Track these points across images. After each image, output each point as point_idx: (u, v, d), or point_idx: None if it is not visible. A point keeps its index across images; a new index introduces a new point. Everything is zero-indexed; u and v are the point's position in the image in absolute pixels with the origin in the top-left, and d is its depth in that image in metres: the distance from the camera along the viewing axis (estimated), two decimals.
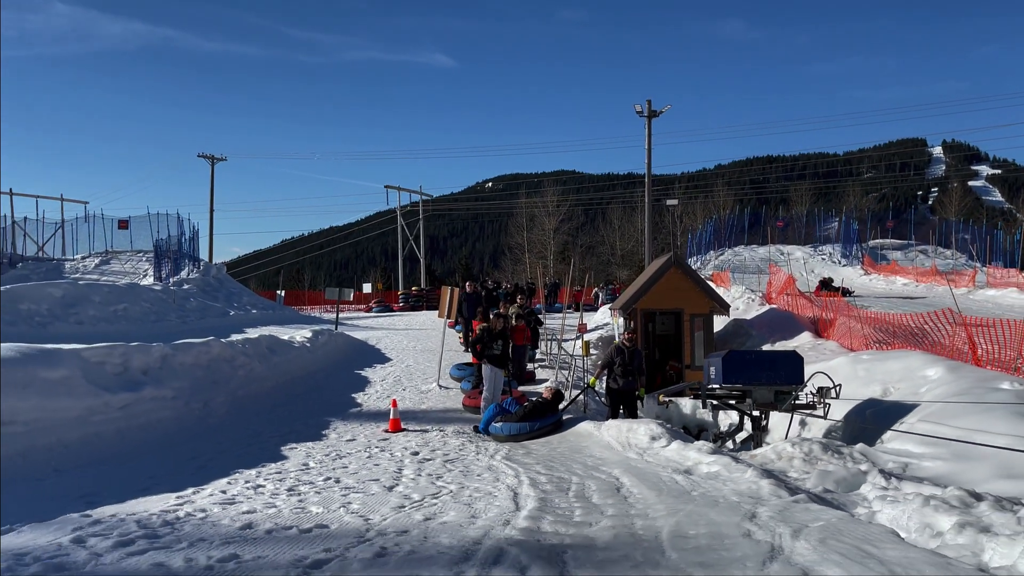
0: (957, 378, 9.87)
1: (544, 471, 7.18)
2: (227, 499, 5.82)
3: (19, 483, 6.25)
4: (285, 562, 3.83)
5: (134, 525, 4.78)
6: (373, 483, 6.63)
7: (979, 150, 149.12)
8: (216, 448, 8.56)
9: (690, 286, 16.71)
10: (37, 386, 7.77)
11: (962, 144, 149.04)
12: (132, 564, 3.79)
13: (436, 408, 12.21)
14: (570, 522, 4.72)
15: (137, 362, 10.20)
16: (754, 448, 9.43)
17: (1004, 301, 19.92)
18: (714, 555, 3.54)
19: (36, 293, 18.07)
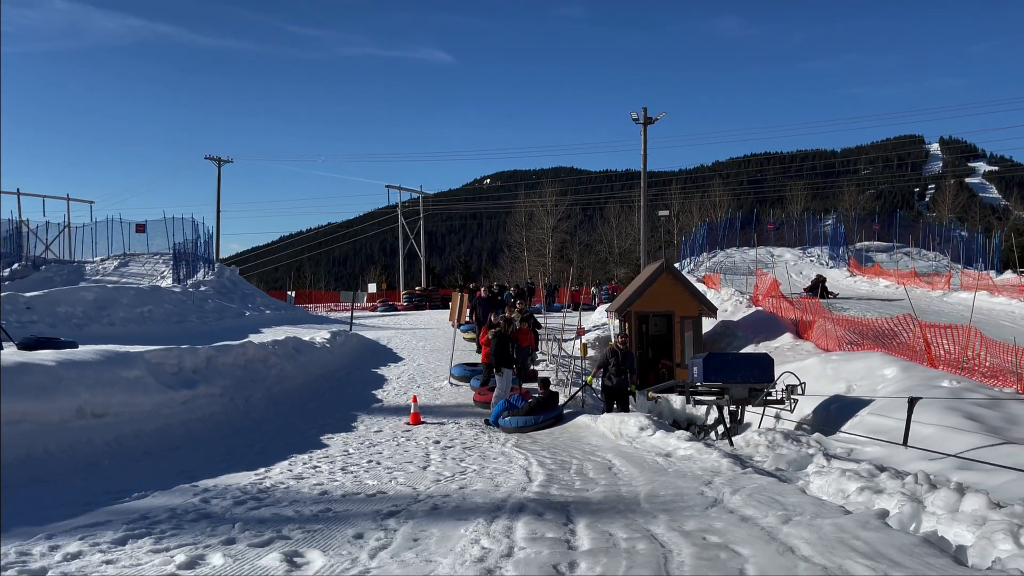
0: (908, 376, 11.43)
1: (549, 455, 8.70)
2: (296, 476, 7.33)
3: (126, 462, 7.75)
4: (366, 513, 5.35)
5: (238, 491, 6.30)
6: (408, 464, 8.13)
7: (976, 147, 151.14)
8: (265, 438, 10.05)
9: (680, 290, 18.23)
10: (120, 384, 9.27)
11: (960, 141, 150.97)
12: (257, 515, 5.30)
13: (449, 403, 13.74)
14: (571, 489, 6.25)
15: (188, 363, 11.70)
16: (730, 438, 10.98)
17: (975, 304, 21.47)
18: (674, 505, 5.07)
19: (71, 297, 19.58)
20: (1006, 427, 8.44)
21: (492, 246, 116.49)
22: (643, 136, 30.56)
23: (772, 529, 3.89)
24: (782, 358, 16.01)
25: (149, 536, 4.47)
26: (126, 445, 8.46)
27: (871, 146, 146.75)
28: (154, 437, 9.11)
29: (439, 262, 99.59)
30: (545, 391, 11.96)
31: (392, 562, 3.80)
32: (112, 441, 8.37)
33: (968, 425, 8.46)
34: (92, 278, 26.64)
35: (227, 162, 43.46)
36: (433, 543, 4.22)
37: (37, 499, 5.82)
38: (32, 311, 17.85)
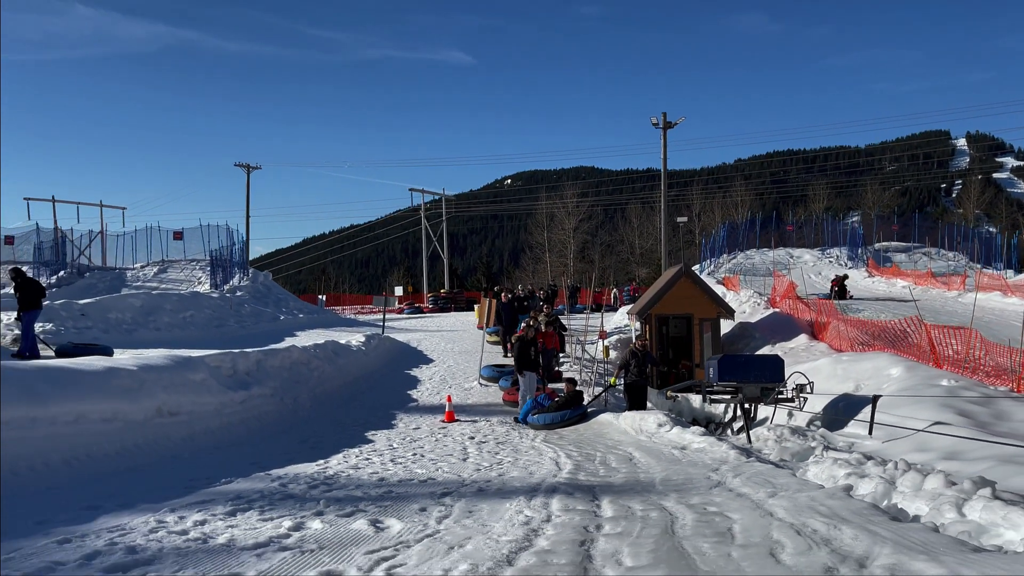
0: (911, 376, 12.27)
1: (575, 449, 9.69)
2: (352, 466, 8.37)
3: (200, 455, 8.85)
4: (423, 494, 6.37)
5: (307, 478, 7.35)
6: (449, 457, 9.15)
7: (1004, 141, 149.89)
8: (316, 434, 11.12)
9: (699, 293, 19.12)
10: (188, 386, 10.39)
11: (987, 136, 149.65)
12: (332, 495, 6.33)
13: (480, 403, 14.78)
14: (596, 475, 7.23)
15: (241, 366, 12.83)
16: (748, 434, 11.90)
17: (988, 305, 22.14)
18: (684, 487, 6.03)
19: (121, 304, 20.87)
20: (994, 422, 9.28)
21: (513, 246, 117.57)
22: (663, 140, 31.39)
23: (760, 501, 4.86)
24: (797, 358, 16.88)
25: (252, 510, 5.52)
26: (198, 441, 9.57)
27: (896, 142, 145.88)
28: (220, 433, 10.21)
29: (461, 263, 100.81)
30: (570, 390, 12.96)
31: (455, 526, 4.81)
32: (186, 437, 9.48)
33: (958, 420, 9.32)
34: (133, 284, 28.00)
35: (256, 168, 44.87)
36: (485, 514, 5.23)
37: (140, 484, 6.90)
38: (87, 317, 19.14)
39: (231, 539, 4.52)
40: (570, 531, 4.41)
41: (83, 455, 7.50)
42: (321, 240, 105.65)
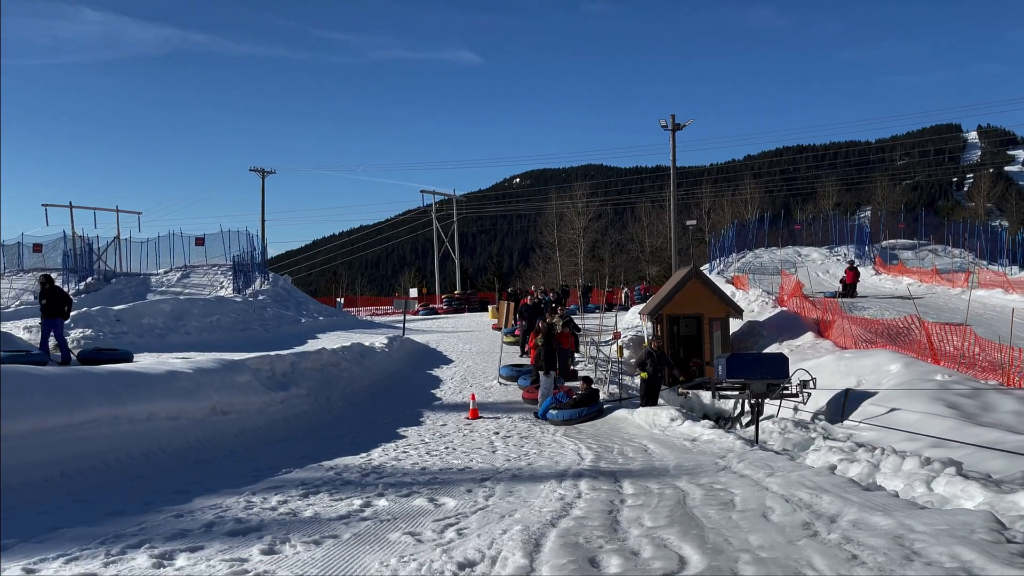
0: (908, 371, 13.13)
1: (594, 442, 10.60)
2: (394, 458, 9.30)
3: (253, 449, 9.79)
4: (465, 479, 7.29)
5: (357, 468, 8.29)
6: (479, 450, 10.07)
7: (1016, 135, 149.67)
8: (353, 431, 12.06)
9: (708, 294, 19.99)
10: (236, 387, 11.36)
11: (998, 129, 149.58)
12: (385, 481, 7.27)
13: (500, 401, 15.71)
14: (616, 464, 8.15)
15: (279, 368, 13.80)
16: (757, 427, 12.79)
17: (990, 301, 22.91)
18: (694, 471, 6.94)
19: (152, 309, 21.92)
20: (979, 413, 10.14)
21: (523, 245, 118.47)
22: (672, 143, 32.23)
23: (759, 480, 5.77)
24: (802, 356, 17.74)
25: (322, 492, 6.47)
26: (248, 436, 10.53)
27: (906, 136, 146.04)
28: (266, 430, 11.18)
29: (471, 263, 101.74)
30: (586, 388, 13.89)
31: (500, 502, 5.73)
32: (238, 433, 10.45)
33: (947, 412, 10.19)
34: (158, 289, 29.07)
35: (271, 173, 45.94)
36: (523, 493, 6.16)
37: (212, 473, 7.85)
38: (121, 323, 20.19)
39: (316, 513, 5.46)
40: (599, 504, 5.33)
41: (157, 448, 8.47)
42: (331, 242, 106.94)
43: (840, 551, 3.33)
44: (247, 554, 4.08)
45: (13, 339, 16.31)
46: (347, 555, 4.00)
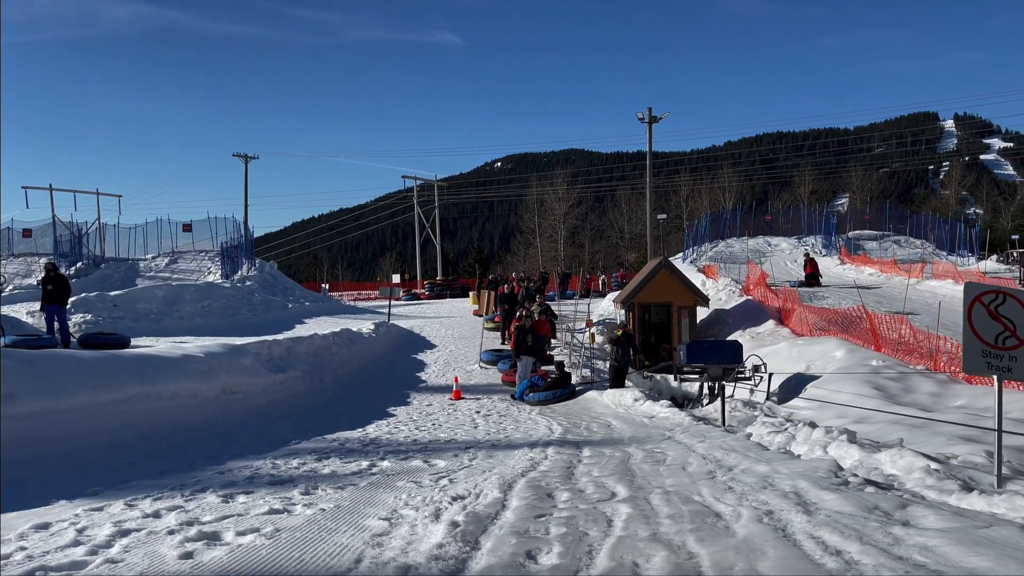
0: (850, 357, 14.70)
1: (564, 419, 12.03)
2: (387, 432, 10.66)
3: (261, 424, 11.11)
4: (451, 448, 8.67)
5: (356, 440, 9.64)
6: (462, 426, 11.45)
7: (992, 123, 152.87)
8: (347, 410, 13.39)
9: (677, 283, 21.49)
10: (241, 369, 12.65)
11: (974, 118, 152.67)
12: (384, 449, 8.63)
13: (481, 383, 17.11)
14: (580, 436, 9.58)
15: (276, 352, 15.09)
16: (707, 406, 14.30)
17: (940, 291, 24.62)
18: (643, 440, 8.37)
19: (147, 295, 23.04)
20: (900, 394, 11.69)
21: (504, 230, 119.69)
22: (648, 135, 33.58)
23: (690, 445, 7.21)
24: (762, 342, 19.31)
25: (333, 457, 7.83)
26: (255, 413, 11.85)
27: (885, 124, 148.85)
28: (269, 408, 12.50)
29: (451, 246, 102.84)
30: (560, 372, 15.33)
31: (482, 462, 7.13)
32: (246, 410, 11.76)
33: (873, 393, 11.73)
34: (147, 275, 30.09)
35: (254, 159, 46.78)
36: (501, 456, 7.56)
37: (233, 443, 9.17)
38: (118, 308, 21.32)
39: (332, 471, 6.83)
40: (560, 462, 6.74)
41: (181, 423, 9.78)
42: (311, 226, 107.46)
43: (723, 486, 4.76)
44: (290, 495, 5.44)
45: (21, 324, 17.45)
46: (367, 495, 5.36)
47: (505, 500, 4.79)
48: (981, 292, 5.72)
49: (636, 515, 4.10)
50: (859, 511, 3.67)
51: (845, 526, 3.38)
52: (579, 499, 4.79)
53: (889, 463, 5.86)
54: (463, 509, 4.49)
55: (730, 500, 4.27)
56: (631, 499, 4.63)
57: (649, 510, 4.23)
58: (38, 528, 4.36)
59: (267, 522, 4.44)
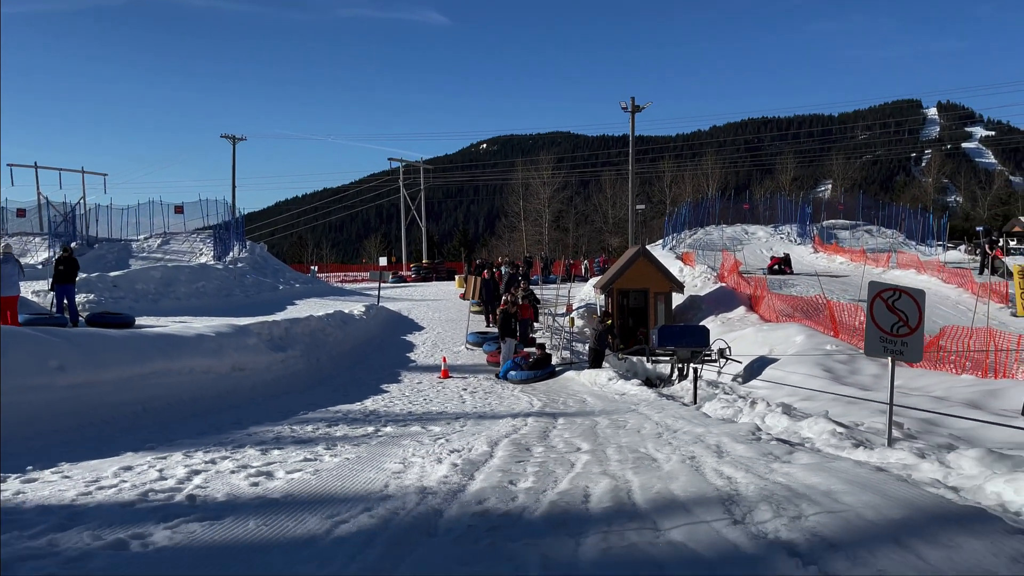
0: (808, 342, 16.12)
1: (544, 396, 13.34)
2: (383, 406, 11.92)
3: (268, 399, 12.32)
4: (444, 419, 9.95)
5: (357, 411, 10.90)
6: (451, 401, 12.73)
7: (974, 111, 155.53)
8: (344, 386, 14.64)
9: (654, 271, 22.83)
10: (247, 348, 13.83)
11: (957, 106, 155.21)
12: (384, 419, 9.90)
13: (468, 363, 18.39)
14: (558, 409, 10.90)
15: (276, 332, 16.27)
16: (676, 384, 15.68)
17: (903, 281, 26.10)
18: (611, 412, 9.69)
19: (145, 276, 24.10)
20: (846, 375, 13.11)
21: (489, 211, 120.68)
22: (631, 125, 34.80)
23: (649, 415, 8.54)
24: (732, 327, 20.72)
25: (341, 424, 9.09)
26: (261, 389, 13.07)
27: (869, 111, 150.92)
28: (273, 385, 13.71)
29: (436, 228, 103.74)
30: (541, 353, 16.65)
31: (472, 428, 8.42)
32: (253, 387, 12.97)
33: (823, 374, 13.14)
34: (139, 255, 31.06)
35: (241, 140, 47.54)
36: (487, 424, 8.86)
37: (249, 414, 10.38)
38: (118, 288, 22.39)
39: (344, 434, 8.09)
40: (538, 428, 8.05)
41: (199, 395, 10.99)
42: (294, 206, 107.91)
43: (664, 442, 6.07)
44: (315, 450, 6.69)
45: (28, 303, 18.52)
46: (380, 449, 6.63)
47: (492, 452, 6.08)
48: (881, 290, 7.05)
49: (593, 460, 5.41)
50: (756, 455, 4.97)
51: (741, 464, 4.68)
52: (551, 451, 6.09)
53: (807, 428, 7.20)
54: (459, 457, 5.77)
55: (666, 451, 5.58)
56: (591, 451, 5.93)
57: (604, 457, 5.53)
58: (124, 469, 5.60)
59: (306, 466, 5.71)
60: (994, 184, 76.11)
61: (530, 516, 3.72)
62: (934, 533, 2.78)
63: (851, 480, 3.84)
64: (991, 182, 79.73)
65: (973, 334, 13.17)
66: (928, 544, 2.66)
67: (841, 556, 2.65)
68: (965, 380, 11.63)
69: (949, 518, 3.00)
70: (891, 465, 5.06)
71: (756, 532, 3.07)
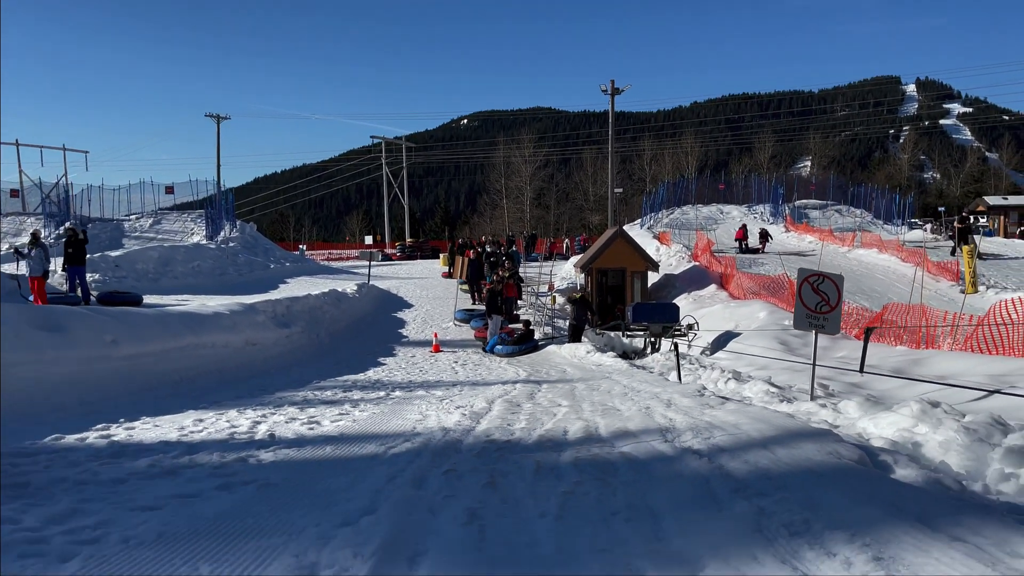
0: (769, 318, 17.81)
1: (529, 367, 14.94)
2: (385, 376, 13.43)
3: (279, 371, 13.80)
4: (441, 386, 11.51)
5: (363, 381, 12.42)
6: (445, 372, 14.28)
7: (952, 88, 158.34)
8: (344, 359, 16.13)
9: (631, 251, 24.44)
10: (257, 325, 15.28)
11: (935, 82, 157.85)
12: (389, 386, 11.43)
13: (456, 339, 19.94)
14: (541, 377, 12.49)
15: (279, 310, 17.71)
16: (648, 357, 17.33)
17: (866, 259, 27.97)
18: (587, 379, 11.30)
19: (144, 256, 25.35)
20: (800, 348, 14.80)
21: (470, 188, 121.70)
22: (611, 107, 36.19)
23: (619, 380, 10.15)
24: (703, 304, 22.41)
25: (354, 390, 10.61)
26: (272, 362, 14.55)
27: (848, 87, 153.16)
28: (281, 358, 15.19)
29: (417, 205, 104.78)
30: (526, 329, 18.23)
31: (469, 392, 9.99)
32: (265, 359, 14.45)
33: (778, 346, 14.83)
34: (132, 235, 32.19)
35: (225, 119, 48.39)
36: (481, 389, 10.43)
37: (269, 383, 11.87)
38: (120, 268, 23.66)
39: (362, 397, 9.62)
40: (525, 391, 9.64)
41: (221, 367, 12.46)
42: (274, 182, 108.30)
43: (628, 399, 7.68)
44: (343, 408, 8.21)
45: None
46: (398, 407, 8.18)
47: (490, 407, 7.65)
48: (808, 275, 8.67)
49: (570, 411, 7.00)
50: (696, 405, 6.57)
51: (682, 410, 6.27)
52: (537, 407, 7.67)
53: (748, 389, 8.84)
54: (466, 410, 7.34)
55: (628, 404, 7.17)
56: (570, 406, 7.52)
57: (579, 409, 7.12)
58: (198, 420, 7.10)
59: (342, 417, 7.25)
60: (967, 161, 78.42)
61: (525, 443, 5.29)
62: (788, 442, 4.35)
63: (754, 418, 5.43)
64: (964, 159, 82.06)
65: (910, 311, 14.89)
66: (782, 447, 4.22)
67: (727, 455, 4.20)
68: (899, 351, 13.34)
69: (803, 435, 4.57)
70: (799, 412, 6.69)
71: (678, 446, 4.64)
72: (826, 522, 2.77)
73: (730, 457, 4.15)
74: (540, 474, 4.20)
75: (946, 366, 11.15)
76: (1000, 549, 2.42)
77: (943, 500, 3.15)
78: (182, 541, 3.08)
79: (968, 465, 4.55)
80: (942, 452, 4.78)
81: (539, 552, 2.80)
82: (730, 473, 3.73)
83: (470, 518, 3.30)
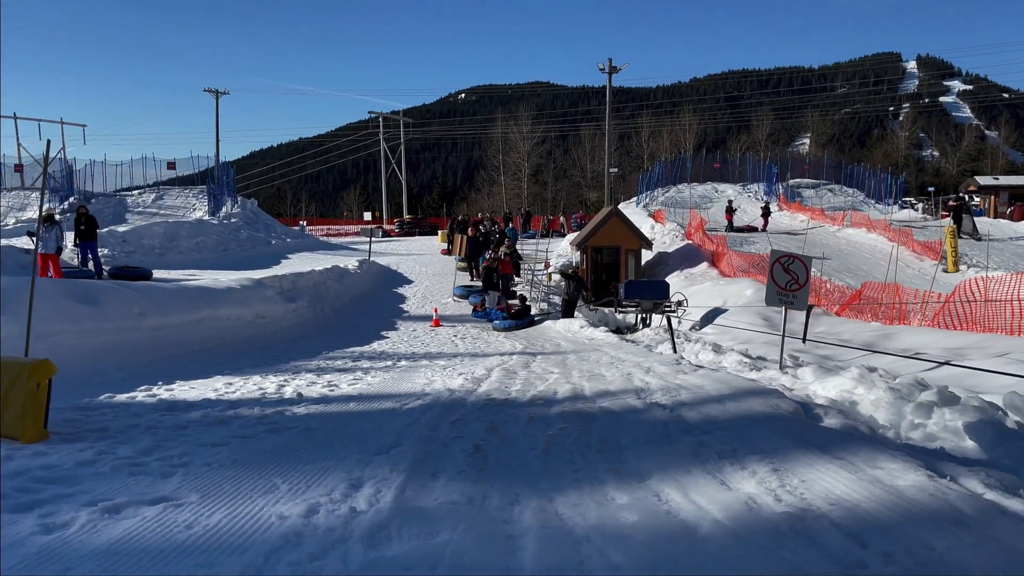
0: (755, 294, 18.73)
1: (525, 341, 15.88)
2: (389, 347, 14.36)
3: (287, 343, 14.71)
4: (444, 357, 12.43)
5: (370, 352, 13.34)
6: (445, 345, 15.21)
7: (952, 65, 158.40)
8: (347, 333, 17.05)
9: (625, 230, 25.33)
10: (266, 299, 16.18)
11: (936, 59, 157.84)
12: (394, 356, 12.36)
13: (455, 314, 20.86)
14: (536, 350, 13.44)
15: (285, 285, 18.61)
16: (639, 332, 18.29)
17: (854, 239, 28.90)
18: (579, 351, 12.25)
19: (151, 231, 26.19)
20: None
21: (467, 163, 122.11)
22: (608, 86, 36.91)
23: (608, 352, 11.09)
24: (694, 281, 23.37)
25: (362, 359, 11.54)
26: (281, 335, 15.47)
27: (848, 64, 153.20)
28: (289, 331, 16.10)
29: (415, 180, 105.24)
30: (522, 305, 19.17)
31: (469, 362, 10.93)
32: (275, 332, 15.37)
33: (761, 322, 15.79)
34: (135, 210, 32.99)
35: (224, 94, 48.94)
36: (480, 360, 11.37)
37: (282, 353, 12.78)
38: (127, 243, 24.51)
39: (371, 366, 10.55)
40: (521, 361, 10.58)
41: (235, 338, 13.38)
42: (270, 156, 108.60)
43: (613, 367, 8.62)
44: (356, 374, 9.15)
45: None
46: (406, 374, 9.11)
47: (489, 374, 8.59)
48: (779, 256, 9.58)
49: (561, 377, 7.94)
50: (671, 372, 7.51)
51: (658, 376, 7.21)
52: (531, 374, 8.61)
53: (724, 360, 9.79)
54: (467, 376, 8.28)
55: (612, 371, 8.12)
56: (560, 373, 8.47)
57: (569, 376, 8.07)
58: (228, 384, 8.02)
59: (357, 381, 8.19)
60: (964, 139, 79.11)
61: (520, 400, 6.23)
62: (740, 398, 5.28)
63: (718, 380, 6.37)
64: (963, 137, 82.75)
65: (886, 288, 15.83)
66: (733, 401, 5.15)
67: (686, 408, 5.14)
68: (872, 326, 14.31)
69: (753, 392, 5.51)
70: (763, 378, 7.63)
71: (648, 401, 5.57)
72: (747, 449, 3.70)
73: (688, 409, 5.09)
74: (532, 422, 5.14)
75: (912, 340, 12.12)
76: (867, 463, 3.34)
77: (846, 437, 4.07)
78: (252, 466, 4.00)
79: (892, 419, 5.49)
80: (873, 408, 5.72)
81: (529, 470, 3.72)
82: (685, 419, 4.67)
83: (475, 450, 4.24)
